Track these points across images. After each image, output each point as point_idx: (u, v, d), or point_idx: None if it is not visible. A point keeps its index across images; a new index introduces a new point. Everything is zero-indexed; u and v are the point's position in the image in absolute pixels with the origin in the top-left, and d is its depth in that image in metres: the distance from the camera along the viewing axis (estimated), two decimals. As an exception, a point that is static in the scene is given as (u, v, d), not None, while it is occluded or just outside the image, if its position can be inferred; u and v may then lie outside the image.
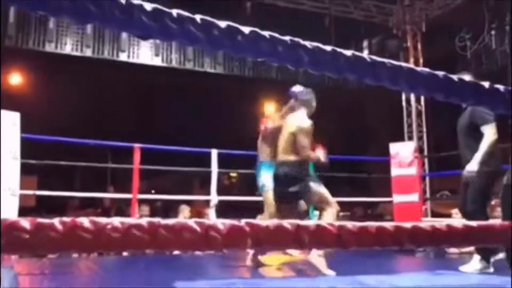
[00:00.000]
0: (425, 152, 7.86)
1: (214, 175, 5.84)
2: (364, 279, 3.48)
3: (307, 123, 3.82)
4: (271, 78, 7.65)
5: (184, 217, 6.84)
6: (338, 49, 0.79)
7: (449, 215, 8.61)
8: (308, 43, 0.78)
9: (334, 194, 3.75)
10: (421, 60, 7.72)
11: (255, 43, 0.75)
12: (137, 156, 5.63)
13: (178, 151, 6.70)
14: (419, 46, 7.76)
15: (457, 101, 0.93)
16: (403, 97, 7.86)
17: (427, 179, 7.54)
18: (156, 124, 13.74)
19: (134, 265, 4.36)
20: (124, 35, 6.53)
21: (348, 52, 0.81)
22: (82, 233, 0.60)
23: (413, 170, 6.29)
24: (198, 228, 0.66)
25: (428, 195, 7.51)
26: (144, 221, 0.65)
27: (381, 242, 0.80)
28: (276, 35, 0.77)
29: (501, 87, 0.92)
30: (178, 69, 7.00)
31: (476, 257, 3.67)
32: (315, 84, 8.25)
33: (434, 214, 7.80)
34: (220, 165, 6.14)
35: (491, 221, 2.72)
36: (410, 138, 7.77)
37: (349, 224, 0.77)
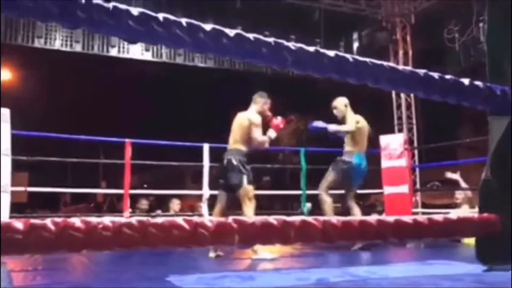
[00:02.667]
0: (415, 144, 7.93)
1: (206, 169, 5.87)
2: (355, 270, 3.54)
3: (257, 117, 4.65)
4: (261, 72, 7.67)
5: (174, 211, 6.86)
6: (322, 50, 0.82)
7: (439, 206, 8.71)
8: (291, 44, 0.81)
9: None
10: (410, 52, 7.77)
11: (240, 45, 0.77)
12: (128, 151, 5.64)
13: (170, 146, 6.71)
14: (408, 38, 7.81)
15: (438, 98, 0.95)
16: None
17: (417, 170, 7.61)
18: (148, 118, 13.72)
19: (127, 260, 4.38)
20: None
21: (331, 53, 0.83)
22: (74, 232, 0.62)
23: (403, 162, 6.35)
24: (186, 226, 0.68)
25: (418, 186, 7.58)
26: (134, 220, 0.68)
27: (364, 236, 0.83)
28: (261, 37, 0.79)
29: (480, 83, 0.95)
30: (168, 63, 7.00)
31: None
32: (304, 75, 8.30)
33: (425, 205, 7.88)
34: (213, 159, 6.17)
35: (470, 214, 2.74)
36: (400, 130, 7.83)
37: (334, 219, 0.79)
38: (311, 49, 0.80)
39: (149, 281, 3.22)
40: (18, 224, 0.61)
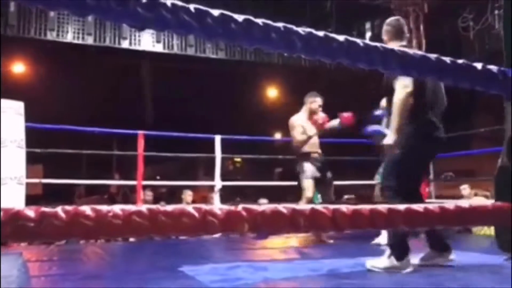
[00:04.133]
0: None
1: (218, 161, 5.89)
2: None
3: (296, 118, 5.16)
4: (272, 62, 7.64)
5: (186, 202, 6.91)
6: (331, 35, 0.81)
7: (453, 197, 8.63)
8: (301, 29, 0.80)
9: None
10: (424, 42, 7.68)
11: (248, 30, 0.76)
12: (141, 143, 5.67)
13: (182, 137, 6.73)
14: (421, 28, 7.71)
15: (450, 83, 0.94)
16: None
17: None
18: (160, 110, 13.77)
19: (140, 251, 4.42)
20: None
21: (341, 37, 0.82)
22: (85, 220, 0.63)
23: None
24: (196, 214, 0.68)
25: (431, 176, 7.52)
26: (144, 207, 0.68)
27: (374, 224, 0.82)
28: (270, 22, 0.78)
29: (494, 67, 0.94)
30: (180, 55, 7.00)
31: (387, 253, 3.21)
32: (317, 65, 8.24)
33: (438, 196, 7.82)
34: (224, 150, 6.18)
35: (480, 202, 2.63)
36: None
37: (343, 207, 0.79)
38: (321, 33, 0.79)
39: (162, 271, 3.25)
40: (30, 212, 0.62)
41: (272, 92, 22.08)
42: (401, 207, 0.82)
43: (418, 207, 0.83)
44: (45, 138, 6.21)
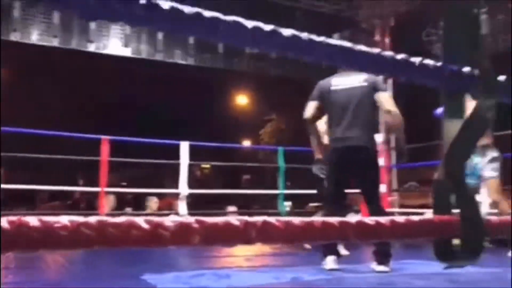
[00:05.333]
0: (392, 144, 8.00)
1: (183, 168, 5.84)
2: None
3: None
4: (242, 70, 7.66)
5: (151, 209, 6.82)
6: (278, 29, 0.83)
7: (416, 206, 8.82)
8: (248, 22, 0.81)
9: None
10: (389, 54, 7.84)
11: (196, 22, 0.76)
12: (105, 148, 5.58)
13: (148, 143, 6.67)
14: (387, 41, 7.89)
15: (389, 75, 0.97)
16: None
17: (395, 170, 7.69)
18: (126, 115, 13.60)
19: (101, 258, 4.34)
20: (93, 25, 6.41)
21: (288, 31, 0.84)
22: (30, 231, 0.62)
23: (381, 162, 6.40)
24: (146, 226, 0.68)
25: (395, 186, 7.67)
26: (93, 219, 0.67)
27: (326, 236, 0.84)
28: (219, 14, 0.79)
29: (432, 62, 0.97)
30: (148, 60, 6.93)
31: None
32: (286, 74, 8.31)
33: (402, 206, 7.98)
34: (192, 157, 6.15)
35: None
36: (378, 131, 7.90)
37: (296, 220, 0.80)
38: (268, 27, 0.81)
39: (124, 279, 3.20)
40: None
41: (241, 100, 22.15)
42: (353, 220, 0.84)
43: (369, 220, 0.84)
44: (7, 141, 6.03)
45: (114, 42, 6.61)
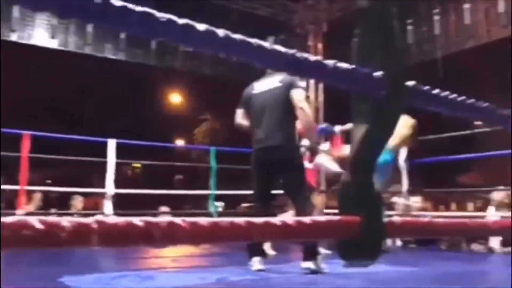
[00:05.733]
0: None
1: (111, 166, 5.66)
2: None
3: None
4: (176, 68, 7.55)
5: (76, 208, 6.56)
6: (192, 23, 0.82)
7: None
8: (161, 15, 0.80)
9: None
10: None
11: (106, 11, 0.74)
12: (26, 144, 5.30)
13: (75, 140, 6.40)
14: (320, 46, 8.09)
15: (303, 76, 0.99)
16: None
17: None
18: (51, 110, 13.01)
19: (18, 259, 4.10)
20: (16, 13, 6.07)
21: (202, 26, 0.84)
22: None
23: (308, 164, 6.55)
24: (40, 226, 0.65)
25: (323, 188, 7.87)
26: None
27: (234, 237, 0.84)
28: (150, 10, 0.77)
29: (345, 65, 1.01)
30: (76, 53, 6.66)
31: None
32: (220, 75, 8.30)
33: (328, 207, 8.19)
34: (123, 156, 5.98)
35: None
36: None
37: (202, 220, 0.79)
38: (181, 21, 0.80)
39: (41, 281, 3.05)
40: None
41: (175, 98, 21.84)
42: (260, 220, 0.85)
43: (276, 220, 0.86)
44: None
45: (40, 33, 6.30)
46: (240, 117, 3.81)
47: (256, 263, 3.60)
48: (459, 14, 6.39)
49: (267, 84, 3.68)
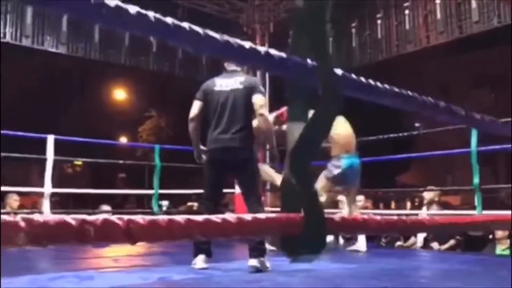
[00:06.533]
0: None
1: (49, 163, 5.43)
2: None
3: None
4: (119, 63, 7.35)
5: (11, 207, 6.26)
6: (142, 11, 0.81)
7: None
8: (132, 8, 0.78)
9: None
10: (268, 59, 8.10)
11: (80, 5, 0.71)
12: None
13: (11, 136, 6.09)
14: (266, 46, 8.13)
15: (240, 63, 0.99)
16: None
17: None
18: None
19: None
20: None
21: (151, 14, 0.83)
22: None
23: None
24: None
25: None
26: None
27: (172, 235, 0.82)
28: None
29: (276, 52, 1.02)
30: (13, 45, 6.34)
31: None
32: (165, 71, 8.17)
33: (275, 205, 8.27)
34: (62, 153, 5.75)
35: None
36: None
37: (139, 218, 0.77)
38: (133, 9, 0.79)
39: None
40: None
41: (118, 94, 21.30)
42: (200, 218, 0.84)
43: (216, 218, 0.85)
44: None
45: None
46: (198, 109, 3.74)
47: (199, 261, 3.58)
48: (400, 19, 6.63)
49: (229, 83, 3.69)
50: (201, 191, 4.78)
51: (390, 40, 6.74)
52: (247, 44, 0.94)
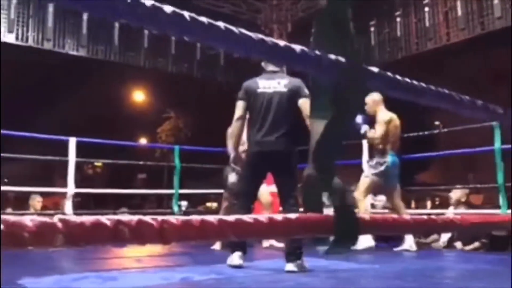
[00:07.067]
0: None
1: (71, 165, 5.50)
2: (221, 268, 3.58)
3: None
4: (138, 65, 7.42)
5: (34, 208, 6.36)
6: (158, 4, 0.81)
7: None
8: (148, 2, 0.78)
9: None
10: (286, 59, 8.08)
11: None
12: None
13: (33, 138, 6.19)
14: (284, 45, 8.11)
15: (274, 61, 0.98)
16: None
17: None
18: (10, 106, 12.57)
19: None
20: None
21: (169, 8, 0.82)
22: None
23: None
24: (1, 226, 0.61)
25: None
26: None
27: (204, 235, 0.82)
28: None
29: (311, 51, 1.01)
30: (35, 48, 6.44)
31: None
32: (184, 72, 8.21)
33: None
34: (83, 154, 5.82)
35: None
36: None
37: (172, 218, 0.77)
38: (149, 2, 0.78)
39: (-4, 284, 2.93)
40: None
41: (138, 96, 21.49)
42: (232, 218, 0.83)
43: (248, 218, 0.84)
44: None
45: (-4, 27, 6.07)
46: (242, 110, 3.69)
47: (236, 258, 3.60)
48: (420, 16, 6.56)
49: (272, 84, 3.66)
50: (219, 191, 4.79)
51: (409, 38, 6.67)
52: (282, 43, 0.93)
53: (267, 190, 4.81)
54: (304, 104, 3.57)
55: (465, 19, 5.99)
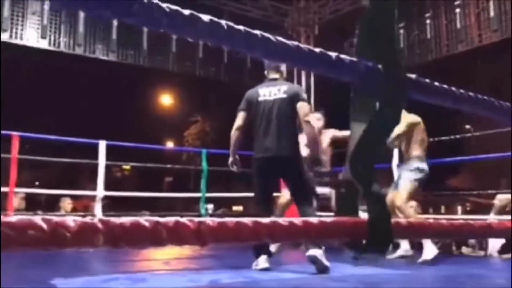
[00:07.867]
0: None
1: (101, 168, 5.59)
2: (248, 272, 3.58)
3: None
4: (166, 69, 7.51)
5: (65, 210, 6.48)
6: (196, 14, 0.82)
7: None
8: (166, 6, 0.79)
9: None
10: (313, 62, 8.04)
11: (110, 3, 0.73)
12: (15, 145, 5.23)
13: (63, 141, 6.32)
14: (311, 48, 8.08)
15: (306, 69, 0.98)
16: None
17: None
18: (41, 111, 12.89)
19: (8, 261, 4.03)
20: (6, 13, 6.00)
21: (206, 17, 0.83)
22: None
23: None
24: (45, 226, 0.63)
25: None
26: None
27: (239, 237, 0.82)
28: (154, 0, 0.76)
29: (347, 57, 1.00)
30: (66, 53, 6.59)
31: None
32: (212, 75, 8.26)
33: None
34: (112, 157, 5.92)
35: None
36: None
37: (209, 220, 0.78)
38: (186, 12, 0.79)
39: (31, 283, 3.00)
40: None
41: (166, 100, 21.75)
42: (266, 220, 0.83)
43: (283, 221, 0.84)
44: None
45: (30, 33, 6.23)
46: (242, 120, 3.82)
47: (262, 261, 3.61)
48: (450, 18, 6.44)
49: (272, 92, 3.74)
50: (245, 194, 4.84)
51: (439, 40, 6.56)
52: (317, 50, 0.93)
53: (286, 194, 4.81)
54: (301, 107, 3.66)
55: (497, 20, 5.86)
